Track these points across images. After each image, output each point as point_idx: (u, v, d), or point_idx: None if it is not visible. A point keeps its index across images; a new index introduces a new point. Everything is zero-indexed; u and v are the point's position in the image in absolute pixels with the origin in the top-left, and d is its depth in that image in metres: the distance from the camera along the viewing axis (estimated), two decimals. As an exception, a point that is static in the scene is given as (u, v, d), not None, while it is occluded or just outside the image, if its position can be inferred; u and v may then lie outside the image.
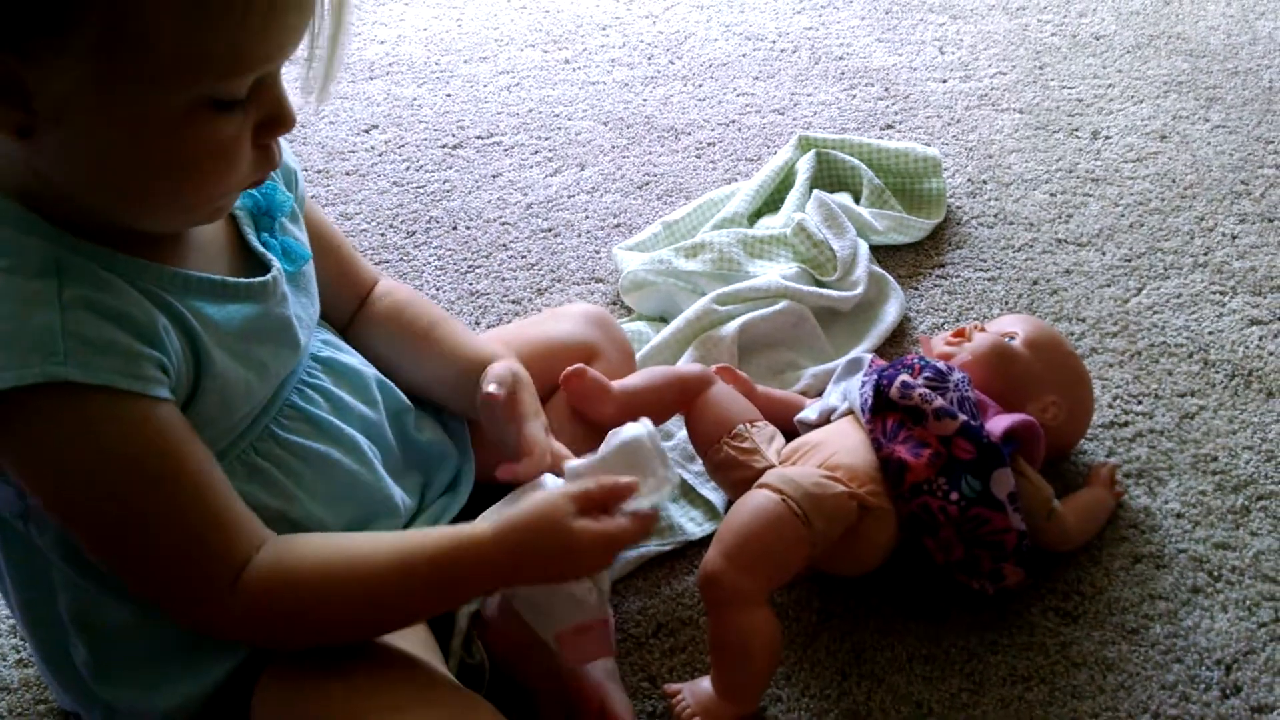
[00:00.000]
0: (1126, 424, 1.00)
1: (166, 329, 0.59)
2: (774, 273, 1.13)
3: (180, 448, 0.59)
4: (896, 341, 1.10)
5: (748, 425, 0.86)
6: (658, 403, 0.88)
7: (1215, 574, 0.87)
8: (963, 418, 0.81)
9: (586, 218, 1.31)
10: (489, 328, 1.14)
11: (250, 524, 0.62)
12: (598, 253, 1.25)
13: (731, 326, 1.05)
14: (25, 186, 0.57)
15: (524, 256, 1.25)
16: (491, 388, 0.73)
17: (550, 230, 1.29)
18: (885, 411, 0.83)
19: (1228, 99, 1.48)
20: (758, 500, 0.78)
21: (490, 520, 0.66)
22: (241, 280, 0.65)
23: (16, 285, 0.55)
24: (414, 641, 0.70)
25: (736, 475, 0.84)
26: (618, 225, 1.29)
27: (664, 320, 1.12)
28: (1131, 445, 0.98)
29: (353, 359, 0.76)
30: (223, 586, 0.60)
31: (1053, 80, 1.55)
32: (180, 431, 0.59)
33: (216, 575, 0.60)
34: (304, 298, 0.71)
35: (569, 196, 1.35)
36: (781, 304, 1.08)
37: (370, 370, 0.77)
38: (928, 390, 0.83)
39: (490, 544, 0.64)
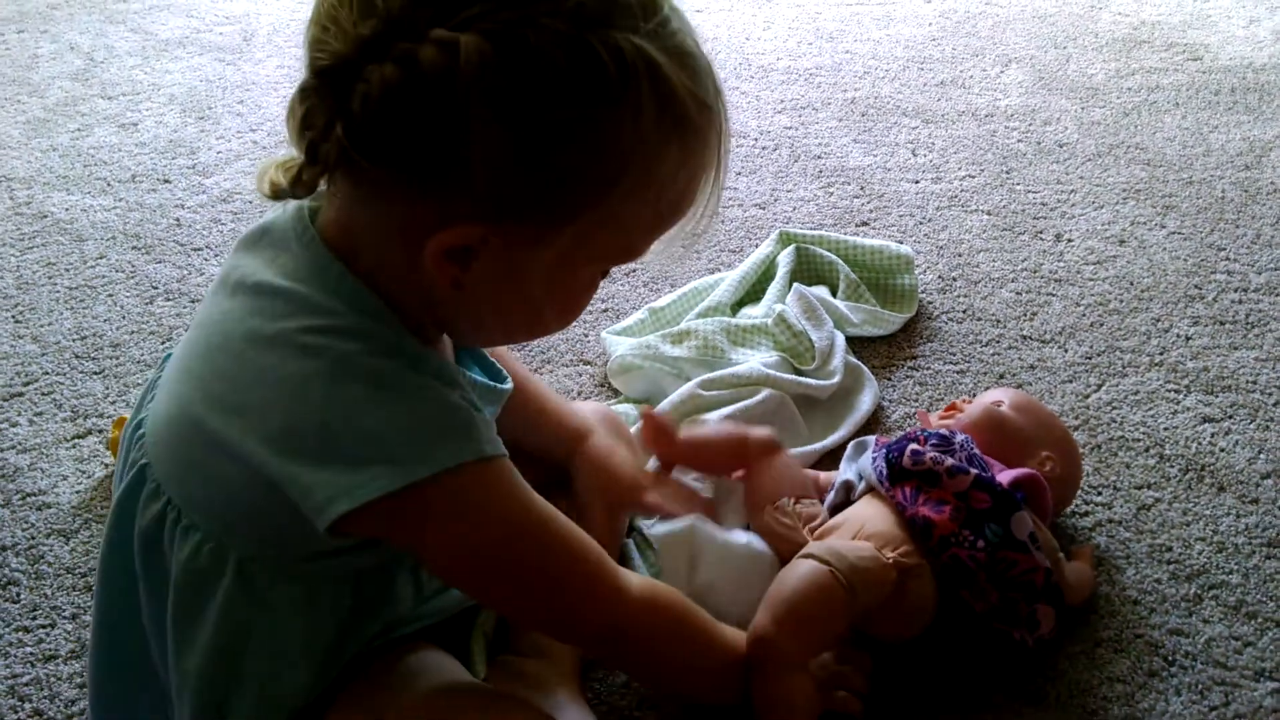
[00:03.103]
0: (1087, 514, 1.05)
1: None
2: (755, 360, 1.18)
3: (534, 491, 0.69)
4: (871, 429, 1.15)
5: (791, 501, 0.93)
6: (716, 457, 0.98)
7: (1170, 659, 0.91)
8: (974, 471, 0.88)
9: (575, 302, 1.36)
10: (480, 406, 1.18)
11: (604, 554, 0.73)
12: (586, 336, 1.30)
13: (714, 415, 1.10)
14: (392, 289, 0.65)
15: (515, 338, 1.30)
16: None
17: (540, 313, 1.34)
18: (902, 480, 0.89)
19: (1183, 207, 1.57)
20: (805, 569, 0.83)
21: None
22: (501, 385, 0.77)
23: (416, 381, 0.64)
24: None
25: (776, 544, 0.92)
26: (605, 310, 1.35)
27: (650, 403, 1.17)
28: (1091, 534, 1.03)
29: None
30: (619, 601, 0.71)
31: (1019, 184, 1.63)
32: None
33: (612, 590, 0.71)
34: None
35: (559, 281, 1.40)
36: (763, 393, 1.13)
37: None
38: (937, 453, 0.89)
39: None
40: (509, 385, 0.79)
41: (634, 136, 0.59)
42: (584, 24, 0.57)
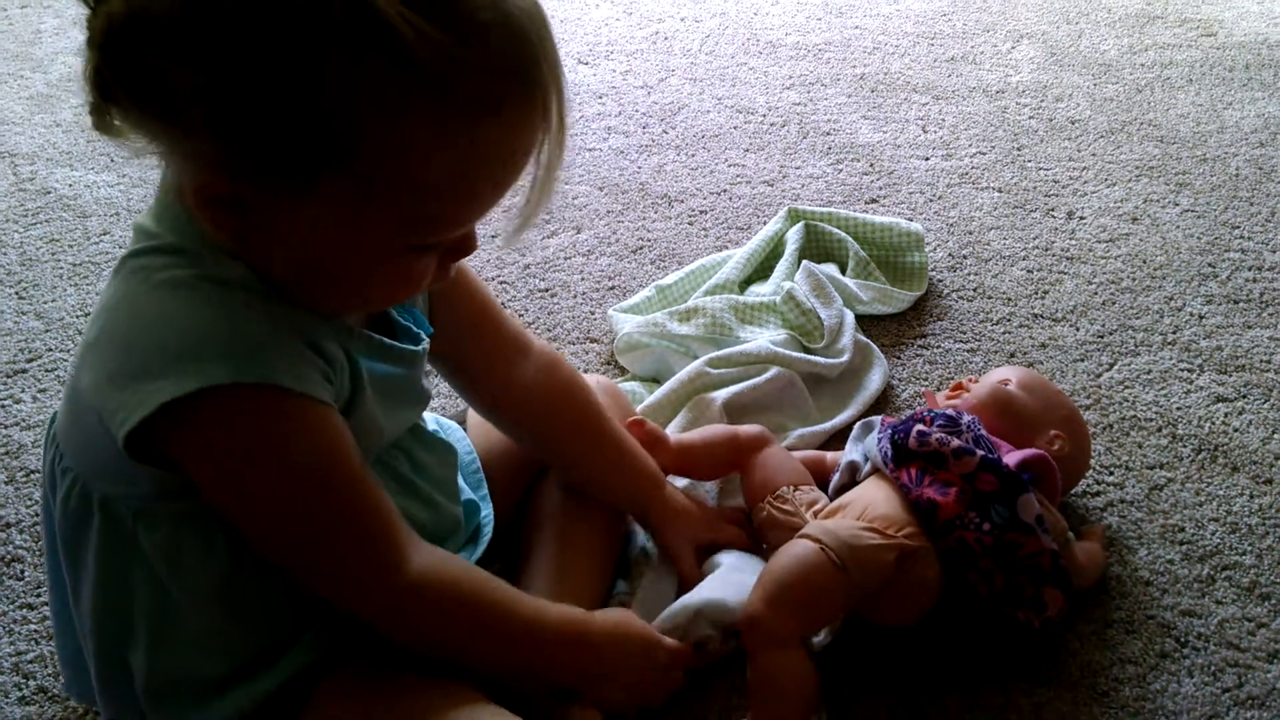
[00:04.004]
0: (1098, 494, 1.04)
1: (341, 365, 0.66)
2: (764, 338, 1.17)
3: (350, 449, 0.66)
4: (880, 407, 1.14)
5: (791, 488, 0.91)
6: (710, 459, 0.97)
7: (1182, 640, 0.90)
8: (980, 453, 0.87)
9: (582, 279, 1.35)
10: (486, 383, 1.18)
11: (403, 522, 0.69)
12: (593, 314, 1.29)
13: (722, 393, 1.09)
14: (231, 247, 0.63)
15: (521, 315, 1.29)
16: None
17: (547, 290, 1.33)
18: (907, 461, 0.87)
19: (1196, 184, 1.55)
20: (797, 549, 0.83)
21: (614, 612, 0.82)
22: (402, 345, 0.73)
23: (238, 300, 0.61)
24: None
25: (777, 535, 0.89)
26: (612, 287, 1.34)
27: (657, 381, 1.16)
28: (1103, 515, 1.02)
29: (430, 424, 0.83)
30: (389, 574, 0.67)
31: (1030, 161, 1.61)
32: (348, 436, 0.66)
33: (384, 563, 0.67)
34: (424, 367, 0.78)
35: (565, 258, 1.39)
36: (771, 371, 1.12)
37: (449, 438, 0.86)
38: (943, 434, 0.88)
39: (598, 634, 0.77)
40: (419, 347, 0.74)
41: (351, 96, 0.53)
42: None
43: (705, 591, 0.86)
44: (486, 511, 0.87)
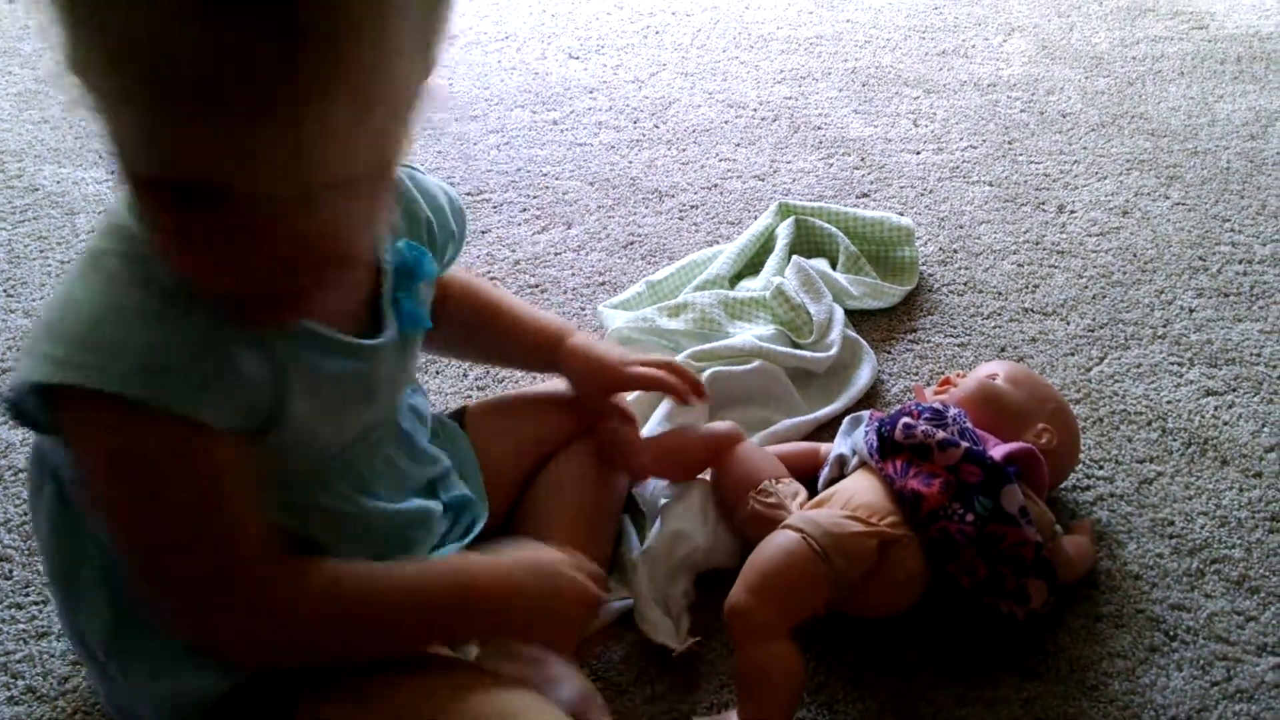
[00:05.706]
0: (1088, 488, 1.04)
1: (259, 383, 0.63)
2: (751, 334, 1.17)
3: (223, 478, 0.63)
4: (870, 402, 1.14)
5: (773, 481, 0.91)
6: (685, 459, 0.96)
7: (1171, 634, 0.91)
8: (965, 444, 0.87)
9: (573, 275, 1.35)
10: (476, 380, 1.17)
11: (271, 544, 0.65)
12: (583, 309, 1.29)
13: (703, 376, 1.08)
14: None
15: (511, 311, 1.28)
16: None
17: (537, 286, 1.33)
18: (893, 453, 0.88)
19: (1187, 178, 1.55)
20: (780, 539, 0.83)
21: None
22: (351, 340, 0.69)
23: (171, 310, 0.59)
24: None
25: (762, 529, 0.88)
26: (603, 283, 1.34)
27: (647, 377, 1.15)
28: (1092, 509, 1.02)
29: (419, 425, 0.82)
30: (245, 597, 0.64)
31: (1021, 155, 1.61)
32: (230, 465, 0.63)
33: (239, 584, 0.63)
34: (406, 359, 0.76)
35: (556, 254, 1.39)
36: (755, 363, 1.12)
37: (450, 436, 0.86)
38: (929, 427, 0.88)
39: (494, 578, 0.73)
40: (377, 340, 0.70)
41: None
42: None
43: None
44: (484, 510, 0.87)
